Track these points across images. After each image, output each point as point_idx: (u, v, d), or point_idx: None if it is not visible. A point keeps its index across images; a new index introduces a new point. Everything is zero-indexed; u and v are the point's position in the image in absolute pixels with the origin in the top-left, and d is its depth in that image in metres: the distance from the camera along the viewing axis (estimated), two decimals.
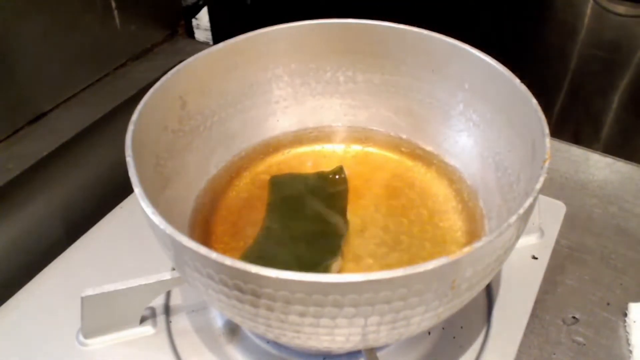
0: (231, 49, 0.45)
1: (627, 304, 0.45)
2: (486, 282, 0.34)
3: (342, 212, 0.44)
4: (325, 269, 0.39)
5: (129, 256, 0.47)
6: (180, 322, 0.43)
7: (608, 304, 0.45)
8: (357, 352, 0.40)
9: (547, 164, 0.34)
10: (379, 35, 0.46)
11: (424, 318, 0.32)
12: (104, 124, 0.55)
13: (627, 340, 0.43)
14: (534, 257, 0.48)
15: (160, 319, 0.43)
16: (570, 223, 0.51)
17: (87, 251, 0.48)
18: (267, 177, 0.47)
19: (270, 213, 0.44)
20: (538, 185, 0.33)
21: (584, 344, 0.43)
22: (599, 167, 0.57)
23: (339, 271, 0.39)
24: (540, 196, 0.46)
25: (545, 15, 0.63)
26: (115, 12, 0.56)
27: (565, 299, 0.46)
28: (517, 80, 0.40)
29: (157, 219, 0.31)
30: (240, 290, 0.30)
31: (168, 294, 0.45)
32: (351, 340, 0.32)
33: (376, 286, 0.28)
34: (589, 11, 0.60)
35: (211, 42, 0.75)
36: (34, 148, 0.51)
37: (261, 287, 0.29)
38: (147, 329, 0.43)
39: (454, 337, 0.42)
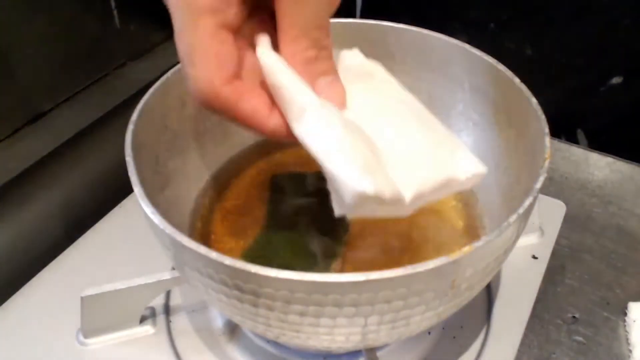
0: None
1: (627, 303, 0.45)
2: (486, 281, 0.34)
3: None
4: (325, 269, 0.39)
5: (128, 256, 0.47)
6: (180, 322, 0.43)
7: (608, 303, 0.45)
8: (357, 352, 0.40)
9: (546, 164, 0.34)
10: (378, 34, 0.46)
11: (424, 318, 0.32)
12: (103, 123, 0.55)
13: (627, 339, 0.43)
14: (534, 257, 0.48)
15: (160, 318, 0.43)
16: (570, 222, 0.51)
17: (87, 251, 0.48)
18: (268, 177, 0.47)
19: (271, 212, 0.44)
20: (538, 185, 0.33)
21: (584, 343, 0.43)
22: (598, 166, 0.57)
23: (339, 271, 0.39)
24: (540, 196, 0.46)
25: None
26: (115, 12, 0.56)
27: (565, 298, 0.46)
28: (516, 80, 0.40)
29: (156, 219, 0.31)
30: (240, 289, 0.29)
31: (168, 294, 0.45)
32: (351, 339, 0.32)
33: (376, 286, 0.28)
34: None
35: None
36: (34, 148, 0.51)
37: (261, 287, 0.29)
38: (147, 329, 0.42)
39: (454, 337, 0.42)
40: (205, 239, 0.42)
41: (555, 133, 0.58)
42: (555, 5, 0.58)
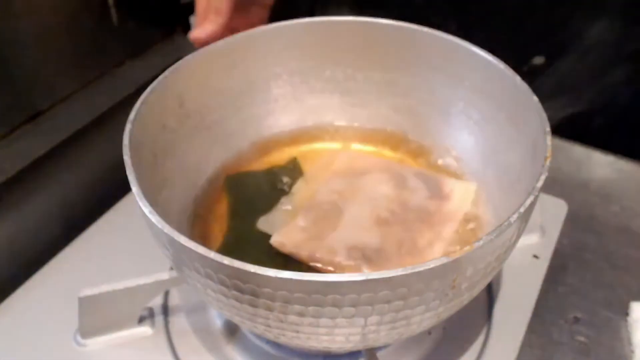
0: (230, 47, 0.45)
1: (629, 303, 0.44)
2: (487, 281, 0.34)
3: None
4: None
5: (126, 256, 0.47)
6: (179, 323, 0.43)
7: (610, 303, 0.45)
8: (357, 352, 0.40)
9: (548, 162, 0.34)
10: (378, 32, 0.46)
11: (424, 318, 0.31)
12: (101, 122, 0.55)
13: (629, 339, 0.43)
14: (535, 257, 0.47)
15: (159, 319, 0.43)
16: (571, 222, 0.51)
17: (85, 251, 0.48)
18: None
19: (232, 213, 0.44)
20: (539, 184, 0.33)
21: (586, 344, 0.43)
22: (600, 165, 0.56)
23: None
24: (542, 195, 0.46)
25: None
26: (113, 10, 0.56)
27: (566, 298, 0.45)
28: (517, 78, 0.40)
29: (155, 218, 0.31)
30: (239, 289, 0.29)
31: (166, 294, 0.45)
32: (351, 340, 0.32)
33: (376, 286, 0.28)
34: None
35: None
36: (31, 147, 0.50)
37: (260, 287, 0.29)
38: (145, 329, 0.42)
39: (454, 337, 0.42)
40: (204, 238, 0.42)
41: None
42: None
